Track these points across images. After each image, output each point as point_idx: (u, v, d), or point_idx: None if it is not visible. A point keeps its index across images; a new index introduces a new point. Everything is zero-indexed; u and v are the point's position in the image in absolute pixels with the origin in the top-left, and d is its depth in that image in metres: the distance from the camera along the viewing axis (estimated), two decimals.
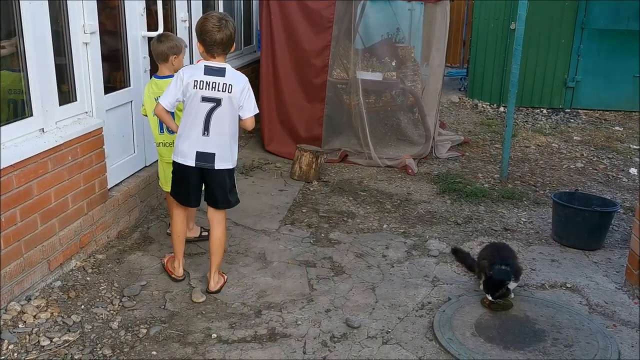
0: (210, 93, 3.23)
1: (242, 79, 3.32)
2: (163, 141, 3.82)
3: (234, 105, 3.29)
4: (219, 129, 3.30)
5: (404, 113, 7.00)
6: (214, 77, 3.23)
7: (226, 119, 3.30)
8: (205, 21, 3.24)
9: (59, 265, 3.55)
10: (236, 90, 3.26)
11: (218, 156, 3.33)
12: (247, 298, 3.48)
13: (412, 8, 7.50)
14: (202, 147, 3.30)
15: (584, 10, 8.58)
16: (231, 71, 3.31)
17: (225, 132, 3.32)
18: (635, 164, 6.45)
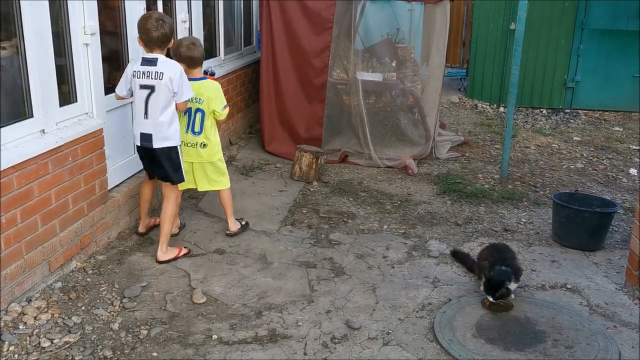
0: (146, 81, 3.65)
1: (173, 67, 3.66)
2: (184, 141, 4.04)
3: (168, 91, 3.65)
4: (154, 112, 3.68)
5: (404, 113, 7.00)
6: (148, 66, 3.64)
7: (160, 103, 3.67)
8: (145, 20, 3.63)
9: (59, 267, 3.55)
10: (167, 77, 3.62)
11: (155, 137, 3.72)
12: (247, 299, 3.48)
13: (412, 8, 7.51)
14: (143, 128, 3.75)
15: (583, 10, 8.58)
16: (163, 61, 3.66)
17: (159, 115, 3.68)
18: (635, 164, 6.45)
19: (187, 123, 4.05)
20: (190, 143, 4.08)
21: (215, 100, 4.05)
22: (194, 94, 3.91)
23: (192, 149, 4.10)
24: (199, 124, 4.06)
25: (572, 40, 8.74)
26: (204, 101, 4.03)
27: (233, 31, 6.86)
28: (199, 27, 5.51)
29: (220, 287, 3.60)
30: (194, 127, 4.06)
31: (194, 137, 4.08)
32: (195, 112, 4.04)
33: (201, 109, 4.04)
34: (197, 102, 4.01)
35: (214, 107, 4.05)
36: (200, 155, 4.14)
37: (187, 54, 3.95)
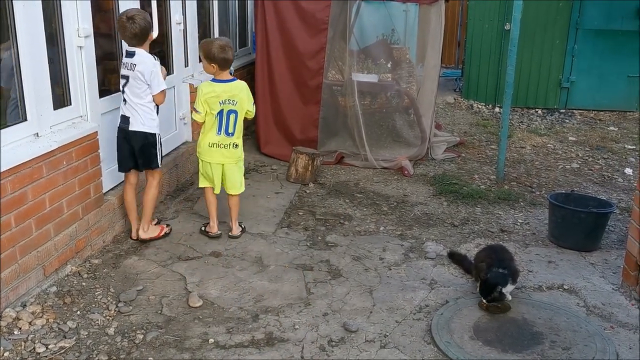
0: (124, 71, 3.90)
1: (145, 62, 3.84)
2: (217, 142, 4.12)
3: (142, 82, 3.86)
4: (129, 99, 3.92)
5: (400, 114, 7.00)
6: (127, 58, 3.88)
7: (134, 91, 3.89)
8: (119, 20, 3.86)
9: (54, 271, 3.53)
10: (139, 70, 3.83)
11: (132, 120, 3.93)
12: (244, 302, 3.47)
13: (407, 9, 7.50)
14: (123, 112, 3.97)
15: (578, 10, 8.60)
16: (140, 54, 3.86)
17: (135, 102, 3.90)
18: (631, 164, 6.46)
19: (219, 125, 4.08)
20: (223, 144, 4.12)
21: (247, 99, 4.13)
22: (228, 96, 4.02)
23: (225, 150, 4.14)
24: (232, 125, 4.10)
25: (567, 40, 8.76)
26: (238, 102, 4.07)
27: (228, 33, 6.84)
28: (193, 28, 5.49)
29: (216, 291, 3.58)
30: (227, 129, 4.10)
31: (228, 138, 4.12)
32: (228, 114, 4.07)
33: (234, 110, 4.07)
34: (231, 104, 4.06)
35: (247, 107, 4.14)
36: (233, 156, 4.20)
37: (222, 56, 3.99)
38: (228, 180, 4.27)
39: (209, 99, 4.03)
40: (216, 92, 4.03)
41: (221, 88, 4.04)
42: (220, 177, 4.24)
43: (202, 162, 4.23)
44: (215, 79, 4.10)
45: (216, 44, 4.01)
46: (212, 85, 4.06)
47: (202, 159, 4.21)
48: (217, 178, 4.23)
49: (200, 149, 4.20)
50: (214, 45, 4.00)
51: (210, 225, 4.33)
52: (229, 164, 4.22)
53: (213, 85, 4.06)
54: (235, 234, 4.32)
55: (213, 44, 4.02)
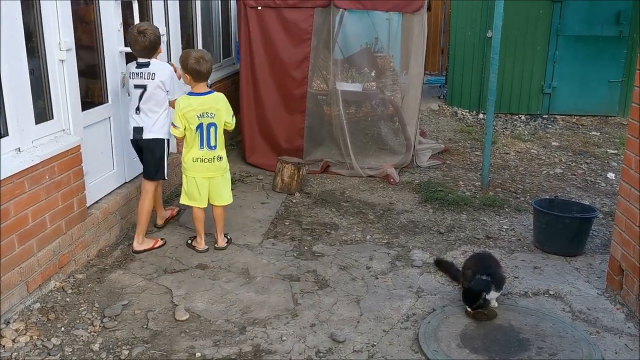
0: (140, 81, 4.07)
1: (163, 70, 4.09)
2: (200, 157, 4.10)
3: (161, 90, 4.07)
4: (149, 107, 4.09)
5: (385, 122, 7.03)
6: (142, 69, 4.06)
7: (155, 100, 4.08)
8: (130, 34, 4.06)
9: (37, 287, 3.48)
10: (160, 78, 4.05)
11: (145, 129, 4.12)
12: (231, 314, 3.45)
13: (390, 18, 7.53)
14: (136, 123, 4.13)
15: (558, 17, 8.71)
16: (155, 64, 4.09)
17: (153, 109, 4.10)
18: (613, 168, 6.54)
19: (200, 139, 4.04)
20: (207, 158, 4.10)
21: (226, 111, 4.10)
22: (205, 109, 3.98)
23: (210, 164, 4.12)
24: (213, 137, 4.07)
25: (548, 46, 8.86)
26: (215, 114, 4.04)
27: (212, 43, 6.84)
28: (176, 39, 5.48)
29: (203, 303, 3.56)
30: (209, 142, 4.07)
31: (211, 152, 4.09)
32: (208, 127, 4.04)
33: (214, 122, 4.04)
34: (209, 117, 4.02)
35: (226, 119, 4.10)
36: (218, 169, 4.18)
37: (195, 67, 3.96)
38: (215, 192, 4.24)
39: (186, 114, 3.98)
40: (193, 106, 3.98)
41: (197, 101, 4.00)
42: (207, 191, 4.20)
43: (187, 177, 4.18)
44: (191, 92, 4.06)
45: (193, 55, 3.99)
46: (188, 99, 4.02)
47: (187, 174, 4.17)
48: (204, 192, 4.19)
49: (185, 165, 4.16)
50: (190, 56, 3.99)
51: (197, 240, 4.30)
52: (215, 177, 4.20)
53: (189, 99, 4.01)
54: (221, 245, 4.30)
55: (190, 55, 4.01)
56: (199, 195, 4.19)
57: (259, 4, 5.94)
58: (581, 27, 8.71)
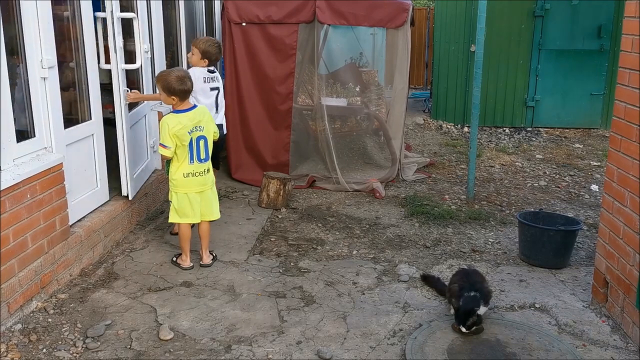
0: (215, 84, 4.90)
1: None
2: (192, 172, 4.06)
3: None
4: (220, 105, 4.99)
5: (370, 137, 7.05)
6: (212, 74, 4.89)
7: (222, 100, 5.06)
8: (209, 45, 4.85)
9: (19, 308, 3.42)
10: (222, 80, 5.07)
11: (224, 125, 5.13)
12: (216, 333, 3.41)
13: (374, 32, 7.59)
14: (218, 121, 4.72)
15: (540, 32, 8.83)
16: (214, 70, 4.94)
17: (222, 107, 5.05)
18: (596, 180, 6.60)
19: (190, 154, 4.02)
20: (198, 172, 4.08)
21: (212, 122, 4.18)
22: (194, 124, 4.00)
23: (201, 177, 4.11)
24: (203, 150, 4.09)
25: (530, 60, 8.97)
26: (204, 127, 4.07)
27: None
28: (161, 56, 5.47)
29: (188, 322, 3.52)
30: (199, 155, 4.07)
31: (201, 165, 4.09)
32: (197, 141, 4.04)
33: (203, 135, 4.06)
34: (199, 130, 4.04)
35: (213, 129, 4.17)
36: (207, 182, 4.18)
37: (181, 88, 3.95)
38: (206, 207, 4.20)
39: (177, 132, 3.93)
40: (183, 123, 3.96)
41: (186, 118, 3.99)
42: (199, 206, 4.16)
43: (177, 195, 4.12)
44: (177, 110, 4.03)
45: (173, 75, 3.97)
46: (177, 117, 3.98)
47: (178, 191, 4.11)
48: (197, 207, 4.14)
49: (175, 182, 4.09)
50: (171, 77, 3.94)
51: (182, 258, 4.25)
52: (206, 191, 4.18)
53: (178, 117, 3.98)
54: (206, 262, 4.27)
55: (170, 76, 3.97)
56: (191, 211, 4.13)
57: (244, 21, 5.96)
58: (563, 41, 8.84)
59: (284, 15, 5.93)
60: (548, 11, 8.73)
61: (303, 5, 5.92)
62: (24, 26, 3.50)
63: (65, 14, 4.16)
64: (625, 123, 3.40)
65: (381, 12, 6.01)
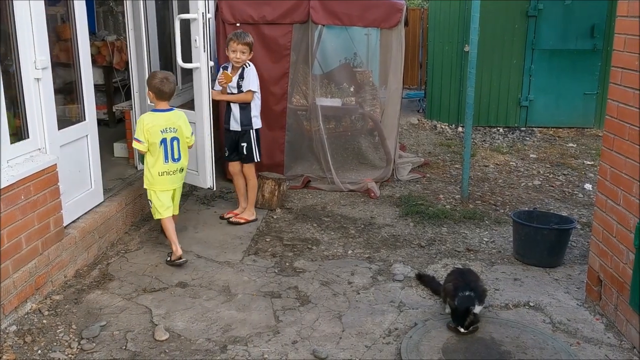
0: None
1: None
2: (165, 171, 4.31)
3: None
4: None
5: (365, 137, 7.06)
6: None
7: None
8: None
9: (13, 309, 3.41)
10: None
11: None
12: (211, 333, 3.41)
13: (368, 33, 7.60)
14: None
15: (533, 32, 8.86)
16: None
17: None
18: (590, 179, 6.63)
19: (165, 153, 4.28)
20: (171, 171, 4.35)
21: (186, 127, 4.40)
22: (168, 124, 4.28)
23: (174, 176, 4.38)
24: (177, 151, 4.34)
25: (524, 60, 9.00)
26: (178, 130, 4.32)
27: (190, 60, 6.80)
28: (155, 57, 5.47)
29: (183, 322, 3.52)
30: (173, 155, 4.32)
31: (175, 164, 4.35)
32: (172, 141, 4.30)
33: (176, 137, 4.32)
34: (173, 132, 4.30)
35: (186, 134, 4.38)
36: (180, 180, 4.48)
37: (158, 87, 4.26)
38: (174, 203, 4.49)
39: (150, 129, 4.20)
40: (156, 122, 4.24)
41: (161, 118, 4.28)
42: (171, 200, 4.43)
43: (154, 192, 4.36)
44: (155, 109, 4.34)
45: (158, 76, 4.32)
46: (153, 115, 4.30)
47: (154, 189, 4.35)
48: (170, 201, 4.41)
49: (150, 180, 4.34)
50: (156, 77, 4.31)
51: (173, 250, 4.29)
52: (177, 189, 4.48)
53: (154, 115, 4.29)
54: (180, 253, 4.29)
55: (156, 75, 4.35)
56: (170, 203, 4.39)
57: (238, 21, 5.95)
58: (556, 41, 8.87)
59: (278, 15, 5.93)
60: (541, 11, 8.76)
61: (297, 6, 5.92)
62: (17, 26, 3.49)
63: (59, 14, 4.16)
64: (618, 122, 3.42)
65: (375, 12, 6.01)
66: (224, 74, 4.93)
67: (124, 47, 6.63)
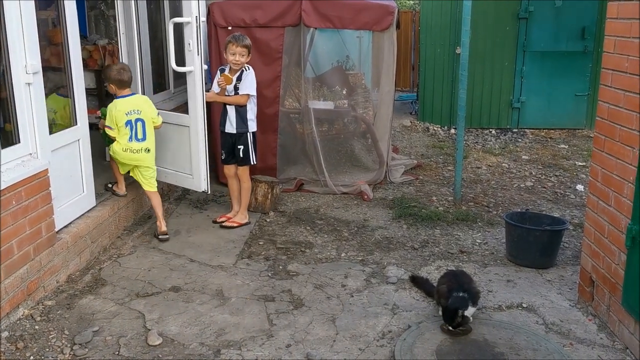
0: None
1: None
2: (130, 149, 4.65)
3: None
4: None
5: (357, 140, 7.07)
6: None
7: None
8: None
9: (5, 315, 3.39)
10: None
11: None
12: (205, 337, 3.40)
13: (360, 35, 7.63)
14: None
15: (524, 34, 8.91)
16: None
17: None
18: (581, 180, 6.66)
19: (130, 133, 4.63)
20: (135, 149, 4.68)
21: (150, 109, 4.73)
22: (131, 108, 4.61)
23: (137, 154, 4.70)
24: (141, 131, 4.67)
25: (515, 62, 9.04)
26: (141, 111, 4.66)
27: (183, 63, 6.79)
28: (147, 61, 5.46)
29: (176, 327, 3.50)
30: (137, 135, 4.66)
31: (139, 144, 4.68)
32: (136, 122, 4.64)
33: (141, 118, 4.65)
34: (136, 113, 4.64)
35: (152, 115, 4.72)
36: (145, 160, 4.75)
37: (117, 77, 4.60)
38: (143, 177, 4.80)
39: (115, 115, 4.57)
40: (120, 107, 4.58)
41: (123, 102, 4.61)
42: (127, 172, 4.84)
43: (116, 156, 4.74)
44: (118, 96, 4.65)
45: (114, 68, 4.66)
46: (115, 103, 4.63)
47: (116, 158, 4.74)
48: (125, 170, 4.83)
49: (116, 154, 4.70)
50: (112, 69, 4.64)
51: (118, 186, 4.89)
52: (141, 167, 4.76)
53: (116, 103, 4.62)
54: (163, 230, 4.75)
55: (112, 67, 4.68)
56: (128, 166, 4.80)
57: (229, 24, 5.95)
58: (547, 43, 8.92)
59: (269, 18, 5.93)
60: (532, 13, 8.81)
61: (289, 9, 5.92)
62: (7, 31, 3.47)
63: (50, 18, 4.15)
64: (608, 123, 3.44)
65: (367, 15, 6.02)
66: (224, 75, 4.91)
67: (115, 51, 6.60)
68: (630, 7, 3.20)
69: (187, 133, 4.89)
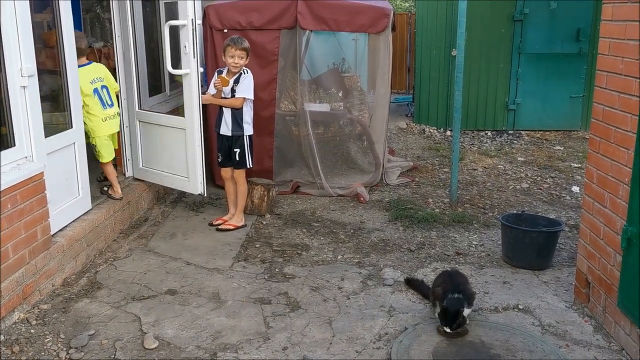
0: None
1: None
2: (106, 116, 4.76)
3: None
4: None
5: (353, 142, 7.08)
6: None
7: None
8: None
9: (1, 319, 3.38)
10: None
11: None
12: (201, 340, 3.39)
13: (356, 38, 7.64)
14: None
15: (519, 36, 8.93)
16: None
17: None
18: (577, 182, 6.68)
19: (100, 101, 4.73)
20: (111, 115, 4.81)
21: (109, 75, 4.89)
22: (94, 76, 4.69)
23: (114, 120, 4.85)
24: (107, 97, 4.80)
25: (511, 64, 9.06)
26: (104, 77, 4.80)
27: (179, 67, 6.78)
28: (142, 63, 5.45)
29: (172, 330, 3.50)
30: (106, 101, 4.77)
31: (111, 109, 4.82)
32: (102, 89, 4.75)
33: (105, 85, 4.78)
34: (100, 81, 4.76)
35: (113, 81, 4.88)
36: (117, 125, 4.92)
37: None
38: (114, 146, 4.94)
39: (81, 86, 4.50)
40: (83, 75, 4.56)
41: (84, 71, 4.61)
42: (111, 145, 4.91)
43: (98, 138, 4.76)
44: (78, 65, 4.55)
45: None
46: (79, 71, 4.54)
47: (99, 135, 4.75)
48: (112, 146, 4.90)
49: (95, 129, 4.71)
50: None
51: (114, 189, 4.90)
52: (114, 135, 4.92)
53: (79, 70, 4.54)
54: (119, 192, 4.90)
55: None
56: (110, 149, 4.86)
57: (225, 27, 5.95)
58: (542, 45, 8.94)
59: (265, 21, 5.94)
60: (527, 15, 8.83)
61: (285, 11, 5.93)
62: (3, 34, 3.46)
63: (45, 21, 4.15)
64: (603, 125, 3.45)
65: (362, 17, 6.03)
66: (221, 77, 4.92)
67: (111, 53, 6.60)
68: (625, 9, 3.22)
69: (183, 136, 4.89)
